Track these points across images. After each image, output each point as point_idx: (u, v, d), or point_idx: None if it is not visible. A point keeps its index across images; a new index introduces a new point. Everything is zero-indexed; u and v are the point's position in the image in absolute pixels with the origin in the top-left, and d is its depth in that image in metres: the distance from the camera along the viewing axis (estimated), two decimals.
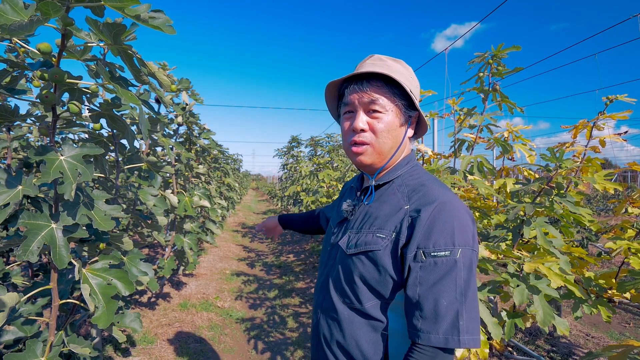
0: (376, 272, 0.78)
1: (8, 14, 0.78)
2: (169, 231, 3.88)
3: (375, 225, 0.81)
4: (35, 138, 2.75)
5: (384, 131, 0.82)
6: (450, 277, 0.71)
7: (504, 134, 2.57)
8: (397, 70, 0.83)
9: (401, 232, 0.76)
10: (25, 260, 0.98)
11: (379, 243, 0.78)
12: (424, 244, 0.73)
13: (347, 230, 0.88)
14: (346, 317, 0.83)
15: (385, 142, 0.82)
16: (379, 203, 0.85)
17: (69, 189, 0.97)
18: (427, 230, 0.73)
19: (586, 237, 3.21)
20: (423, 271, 0.72)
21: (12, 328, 1.37)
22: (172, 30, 0.83)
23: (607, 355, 1.36)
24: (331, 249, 0.92)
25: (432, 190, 0.79)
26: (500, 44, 2.32)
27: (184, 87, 2.57)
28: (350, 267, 0.82)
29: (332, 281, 0.87)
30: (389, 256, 0.77)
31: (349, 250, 0.83)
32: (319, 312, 0.90)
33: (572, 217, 1.95)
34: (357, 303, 0.81)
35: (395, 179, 0.87)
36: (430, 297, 0.71)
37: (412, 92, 0.82)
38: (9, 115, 1.14)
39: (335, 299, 0.86)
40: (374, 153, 0.83)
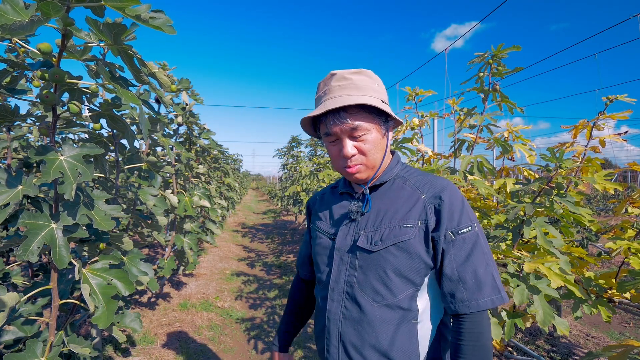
0: (409, 260, 0.83)
1: (9, 13, 0.78)
2: (169, 231, 3.88)
3: (395, 218, 0.86)
4: (35, 138, 2.75)
5: (371, 150, 0.87)
6: (478, 248, 0.82)
7: (504, 134, 2.57)
8: (366, 86, 0.86)
9: (428, 219, 0.83)
10: (25, 260, 0.98)
11: (408, 233, 0.83)
12: (450, 225, 0.82)
13: (360, 231, 0.89)
14: (377, 316, 0.84)
15: (375, 157, 0.88)
16: (389, 200, 0.89)
17: (69, 189, 0.97)
18: (449, 213, 0.82)
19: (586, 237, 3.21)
20: (456, 249, 0.81)
21: (12, 328, 1.37)
22: (173, 30, 0.83)
23: (607, 355, 1.36)
24: (339, 254, 0.91)
25: (434, 179, 0.89)
26: (500, 44, 2.32)
27: (184, 87, 2.57)
28: (381, 263, 0.85)
29: (357, 284, 0.87)
30: (421, 243, 0.83)
31: (375, 247, 0.85)
32: (339, 320, 0.88)
33: (572, 217, 1.95)
34: (391, 297, 0.84)
35: (395, 177, 0.93)
36: (468, 269, 0.80)
37: (385, 102, 0.88)
38: (9, 115, 1.14)
39: (362, 301, 0.86)
40: (367, 169, 0.89)
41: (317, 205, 1.08)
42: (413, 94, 2.98)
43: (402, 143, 2.76)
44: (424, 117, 3.10)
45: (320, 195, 1.10)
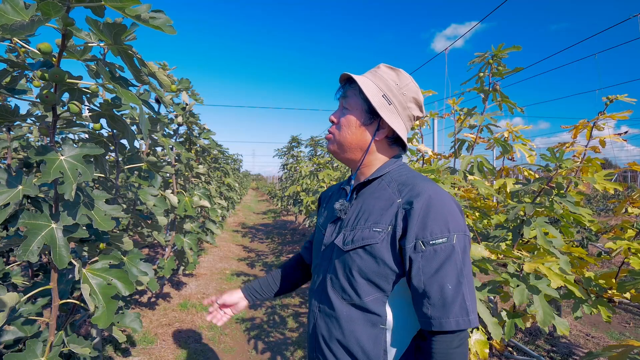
0: (375, 265, 0.81)
1: (9, 13, 0.78)
2: (169, 231, 3.88)
3: (370, 220, 0.84)
4: (35, 138, 2.75)
5: (344, 125, 0.90)
6: (451, 262, 0.75)
7: (504, 134, 2.57)
8: (382, 78, 0.90)
9: (397, 225, 0.80)
10: (25, 260, 0.98)
11: (375, 237, 0.81)
12: (421, 234, 0.76)
13: (342, 229, 0.90)
14: (345, 314, 0.85)
15: (344, 135, 0.90)
16: (372, 199, 0.88)
17: (69, 189, 0.97)
18: (422, 221, 0.77)
19: (586, 237, 3.21)
20: (424, 260, 0.76)
21: (12, 328, 1.37)
22: (173, 30, 0.83)
23: (607, 355, 1.36)
24: (325, 249, 0.94)
25: (420, 183, 0.83)
26: (501, 44, 2.32)
27: (184, 87, 2.57)
28: (349, 263, 0.84)
29: (330, 280, 0.89)
30: (387, 249, 0.80)
31: (346, 246, 0.85)
32: (316, 312, 0.92)
33: (572, 217, 1.95)
34: (357, 298, 0.83)
35: (384, 175, 0.91)
36: (435, 284, 0.74)
37: (386, 96, 0.88)
38: (9, 115, 1.14)
39: (333, 297, 0.87)
40: (334, 142, 0.93)
41: (325, 199, 1.11)
42: None
43: None
44: (424, 117, 3.10)
45: (331, 189, 1.13)
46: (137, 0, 0.74)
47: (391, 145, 0.94)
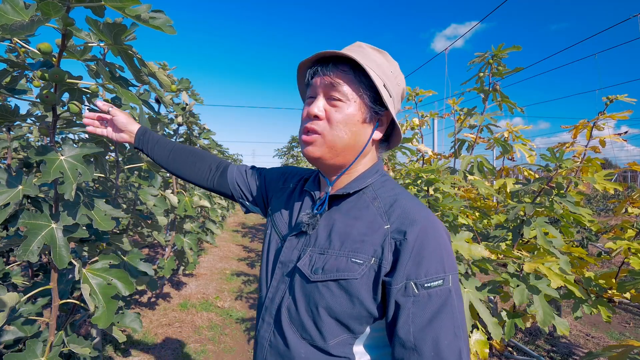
0: (349, 305, 0.66)
1: (9, 14, 0.78)
2: (169, 231, 3.89)
3: (347, 246, 0.68)
4: (35, 138, 2.75)
5: (340, 123, 0.69)
6: (447, 309, 0.62)
7: (504, 134, 2.57)
8: (374, 59, 0.71)
9: (384, 258, 0.65)
10: (26, 260, 0.98)
11: (355, 270, 0.65)
12: (415, 274, 0.62)
13: (307, 248, 0.72)
14: (303, 356, 0.69)
15: (339, 135, 0.69)
16: (350, 218, 0.71)
17: (69, 189, 0.97)
18: (416, 257, 0.63)
19: (586, 237, 3.21)
20: (416, 306, 0.62)
21: (12, 328, 1.37)
22: (173, 30, 0.83)
23: (607, 355, 1.36)
24: (282, 267, 0.75)
25: (412, 207, 0.68)
26: (501, 44, 2.32)
27: (184, 87, 2.57)
28: (315, 297, 0.67)
29: (288, 311, 0.71)
30: (368, 286, 0.65)
31: (314, 276, 0.68)
32: (266, 347, 0.74)
33: (572, 217, 1.95)
34: (320, 340, 0.67)
35: (365, 188, 0.74)
36: (429, 338, 0.61)
37: (386, 86, 0.70)
38: (10, 115, 1.14)
39: (289, 333, 0.70)
40: (324, 145, 0.70)
41: (289, 183, 0.89)
42: (413, 94, 2.98)
43: (402, 143, 2.76)
44: (424, 117, 3.10)
45: (294, 175, 0.91)
46: (137, 0, 0.74)
47: (380, 145, 0.78)
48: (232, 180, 0.97)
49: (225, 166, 1.01)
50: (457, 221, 1.80)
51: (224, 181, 0.98)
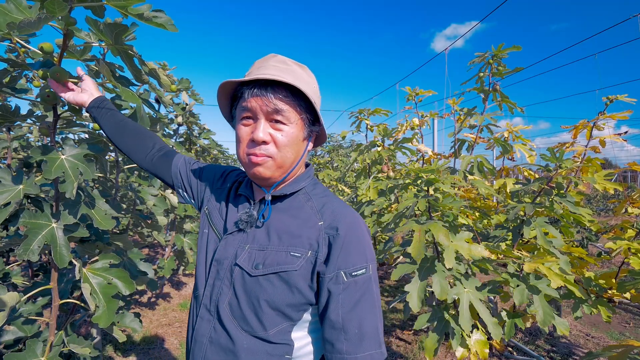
0: (289, 295, 0.72)
1: (13, 12, 0.79)
2: (169, 231, 3.89)
3: (286, 242, 0.74)
4: (35, 138, 2.75)
5: (287, 145, 0.74)
6: (368, 294, 0.72)
7: (504, 134, 2.57)
8: (302, 78, 0.75)
9: (319, 251, 0.72)
10: (26, 259, 0.99)
11: (294, 262, 0.72)
12: (344, 264, 0.71)
13: (245, 245, 0.76)
14: (245, 347, 0.73)
15: (287, 156, 0.75)
16: (287, 217, 0.77)
17: (71, 188, 0.97)
18: (345, 250, 0.71)
19: (586, 237, 3.22)
20: (345, 293, 0.70)
21: (12, 328, 1.37)
22: (174, 28, 0.83)
23: (607, 355, 1.36)
24: (217, 265, 0.78)
25: (340, 206, 0.77)
26: (501, 44, 2.33)
27: (184, 87, 2.58)
28: (256, 291, 0.73)
29: (229, 307, 0.75)
30: (305, 276, 0.72)
31: (256, 270, 0.73)
32: (205, 343, 0.76)
33: (572, 217, 1.96)
34: (262, 331, 0.73)
35: (300, 190, 0.80)
36: (354, 318, 0.70)
37: (315, 104, 0.75)
38: (10, 115, 1.14)
39: (231, 327, 0.74)
40: (274, 166, 0.75)
41: (227, 183, 0.92)
42: (413, 94, 2.99)
43: (402, 143, 2.76)
44: (424, 117, 3.10)
45: (235, 178, 0.92)
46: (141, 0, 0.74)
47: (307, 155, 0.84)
48: (176, 168, 0.99)
49: (169, 151, 1.02)
50: (457, 221, 1.81)
51: (165, 165, 0.99)
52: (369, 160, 2.99)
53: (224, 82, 0.76)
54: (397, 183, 2.08)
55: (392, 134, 2.91)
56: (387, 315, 3.47)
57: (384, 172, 2.73)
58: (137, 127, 1.04)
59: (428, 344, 1.67)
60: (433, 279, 1.63)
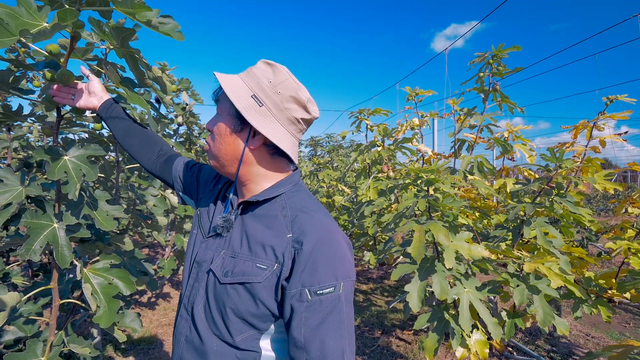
0: (253, 305, 0.71)
1: (24, 17, 0.79)
2: (169, 231, 3.89)
3: (254, 252, 0.73)
4: (35, 138, 2.75)
5: (215, 134, 0.78)
6: (335, 314, 0.69)
7: (504, 134, 2.57)
8: (253, 74, 0.75)
9: (284, 264, 0.70)
10: (28, 259, 0.99)
11: (259, 274, 0.71)
12: (309, 281, 0.68)
13: (221, 250, 0.77)
14: (215, 349, 0.74)
15: (217, 146, 0.77)
16: (260, 226, 0.76)
17: (73, 189, 0.97)
18: (311, 266, 0.69)
19: (586, 237, 3.22)
20: (308, 311, 0.68)
21: (12, 328, 1.37)
22: (181, 36, 0.83)
23: (607, 355, 1.36)
24: (198, 267, 0.80)
25: (313, 218, 0.74)
26: (501, 44, 2.33)
27: (184, 87, 2.58)
28: (223, 298, 0.73)
29: (203, 309, 0.76)
30: (270, 289, 0.71)
31: (225, 278, 0.73)
32: (182, 342, 0.79)
33: (572, 217, 1.96)
34: (228, 336, 0.73)
35: (278, 197, 0.78)
36: (316, 338, 0.68)
37: (256, 96, 0.74)
38: (13, 115, 1.15)
39: (202, 329, 0.75)
40: (211, 153, 0.80)
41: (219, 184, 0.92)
42: (413, 94, 2.99)
43: (402, 143, 2.76)
44: (424, 117, 3.11)
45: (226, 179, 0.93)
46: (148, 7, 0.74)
47: (273, 156, 0.79)
48: (176, 172, 1.02)
49: (171, 155, 1.05)
50: (457, 221, 1.81)
51: (167, 169, 1.03)
52: (369, 160, 2.99)
53: None
54: (397, 183, 2.08)
55: (392, 134, 2.91)
56: (387, 315, 3.47)
57: (384, 172, 2.73)
58: (145, 132, 1.08)
59: (428, 344, 1.67)
60: (433, 279, 1.63)
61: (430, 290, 1.80)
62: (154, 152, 1.05)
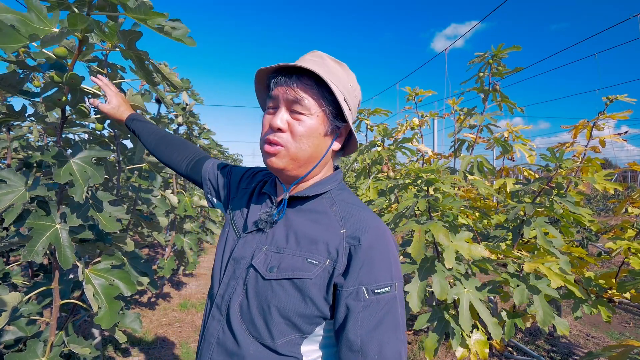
0: (301, 304, 0.67)
1: (34, 22, 0.80)
2: (169, 231, 3.89)
3: (304, 247, 0.69)
4: (35, 138, 2.75)
5: (303, 136, 0.70)
6: (391, 315, 0.66)
7: (504, 134, 2.57)
8: (335, 72, 0.72)
9: (338, 260, 0.67)
10: (30, 260, 0.99)
11: (310, 270, 0.67)
12: (367, 279, 0.65)
13: (263, 246, 0.73)
14: (251, 353, 0.69)
15: (302, 148, 0.71)
16: (309, 221, 0.73)
17: (80, 192, 0.98)
18: (369, 263, 0.66)
19: (586, 237, 3.22)
20: (366, 311, 0.65)
21: (13, 328, 1.38)
22: (193, 42, 0.83)
23: (607, 355, 1.36)
24: (234, 264, 0.75)
25: (367, 216, 0.72)
26: (501, 44, 2.33)
27: (184, 87, 2.58)
28: (267, 295, 0.68)
29: (239, 308, 0.71)
30: (321, 287, 0.67)
31: (269, 274, 0.69)
32: (213, 344, 0.73)
33: (572, 217, 1.96)
34: (269, 339, 0.68)
35: (325, 193, 0.76)
36: (374, 341, 0.64)
37: (346, 100, 0.73)
38: (16, 115, 1.15)
39: (238, 330, 0.70)
40: (287, 157, 0.71)
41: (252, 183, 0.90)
42: (413, 94, 2.99)
43: (402, 143, 2.76)
44: (424, 117, 3.10)
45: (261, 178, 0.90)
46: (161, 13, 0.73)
47: (336, 154, 0.80)
48: (205, 174, 1.00)
49: (201, 158, 1.04)
50: (457, 221, 1.81)
51: (197, 171, 1.02)
52: (369, 160, 2.99)
53: (258, 71, 0.76)
54: (397, 183, 2.08)
55: (392, 134, 2.91)
56: None
57: (384, 172, 2.73)
58: (173, 138, 1.09)
59: (428, 344, 1.67)
60: (433, 279, 1.63)
61: (430, 290, 1.81)
62: (185, 157, 1.05)
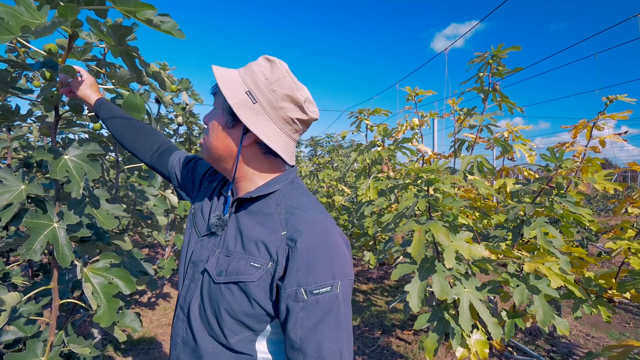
0: (247, 305, 0.70)
1: (24, 15, 0.80)
2: (169, 231, 3.88)
3: (248, 250, 0.71)
4: (35, 138, 2.75)
5: (210, 128, 0.77)
6: (332, 315, 0.67)
7: (504, 134, 2.57)
8: (252, 69, 0.73)
9: (278, 263, 0.68)
10: (28, 259, 0.99)
11: (252, 273, 0.69)
12: (305, 281, 0.66)
13: (216, 249, 0.75)
14: (210, 351, 0.73)
15: (210, 140, 0.77)
16: (254, 224, 0.74)
17: (76, 188, 0.98)
18: (307, 264, 0.66)
19: (586, 237, 3.22)
20: (304, 311, 0.66)
21: (12, 328, 1.37)
22: (181, 34, 0.83)
23: (607, 355, 1.36)
24: (193, 267, 0.78)
25: (308, 215, 0.71)
26: (500, 44, 2.33)
27: (184, 87, 2.58)
28: (217, 298, 0.71)
29: (198, 310, 0.75)
30: (264, 289, 0.69)
31: (219, 277, 0.71)
32: (179, 343, 0.77)
33: (572, 217, 1.96)
34: (223, 338, 0.71)
35: (272, 194, 0.76)
36: (313, 340, 0.66)
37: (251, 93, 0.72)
38: (11, 115, 1.15)
39: (198, 330, 0.74)
40: (204, 147, 0.79)
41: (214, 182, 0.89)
42: (413, 94, 2.99)
43: (402, 143, 2.76)
44: (424, 117, 3.10)
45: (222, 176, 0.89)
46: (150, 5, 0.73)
47: (265, 155, 0.77)
48: (172, 167, 1.00)
49: (167, 148, 1.03)
50: (457, 221, 1.81)
51: (164, 163, 1.01)
52: (369, 160, 2.99)
53: None
54: (397, 183, 2.08)
55: (392, 134, 2.91)
56: (387, 315, 3.47)
57: (384, 172, 2.73)
58: (139, 125, 1.06)
59: (428, 344, 1.67)
60: (433, 279, 1.63)
61: (430, 290, 1.80)
62: (151, 145, 1.03)
